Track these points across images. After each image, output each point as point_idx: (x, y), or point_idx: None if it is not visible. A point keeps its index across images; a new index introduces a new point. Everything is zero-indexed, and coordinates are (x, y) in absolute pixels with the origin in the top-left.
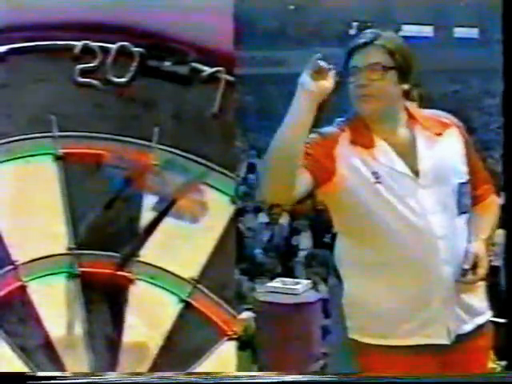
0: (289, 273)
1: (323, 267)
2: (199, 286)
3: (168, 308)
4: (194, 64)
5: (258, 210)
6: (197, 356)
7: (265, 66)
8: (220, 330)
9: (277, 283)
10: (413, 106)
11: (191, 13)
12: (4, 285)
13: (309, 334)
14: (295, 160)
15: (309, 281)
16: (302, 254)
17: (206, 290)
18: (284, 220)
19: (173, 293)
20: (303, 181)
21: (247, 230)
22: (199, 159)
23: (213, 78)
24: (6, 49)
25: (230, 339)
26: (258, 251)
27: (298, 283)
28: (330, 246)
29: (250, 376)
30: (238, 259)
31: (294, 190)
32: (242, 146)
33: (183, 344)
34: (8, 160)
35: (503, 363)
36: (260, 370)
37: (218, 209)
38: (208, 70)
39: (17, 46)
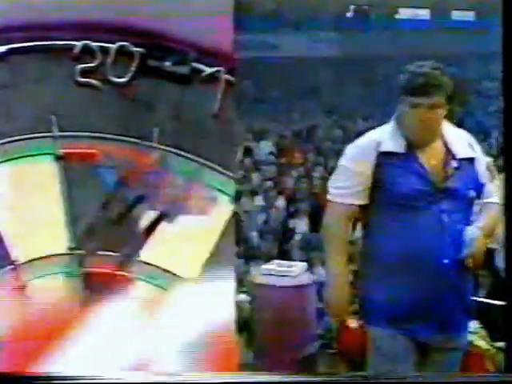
0: (285, 256)
1: (317, 251)
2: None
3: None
4: (194, 64)
5: (254, 193)
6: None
7: (261, 49)
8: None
9: (272, 266)
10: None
11: (191, 13)
12: (4, 285)
13: (304, 316)
14: None
15: (304, 263)
16: (298, 237)
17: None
18: (280, 203)
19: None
20: None
21: (243, 213)
22: (199, 159)
23: (213, 78)
24: (6, 49)
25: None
26: (253, 234)
27: (293, 266)
28: None
29: (250, 376)
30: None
31: None
32: (238, 130)
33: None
34: (8, 160)
35: (498, 344)
36: (256, 351)
37: (218, 209)
38: (208, 70)
39: (17, 45)
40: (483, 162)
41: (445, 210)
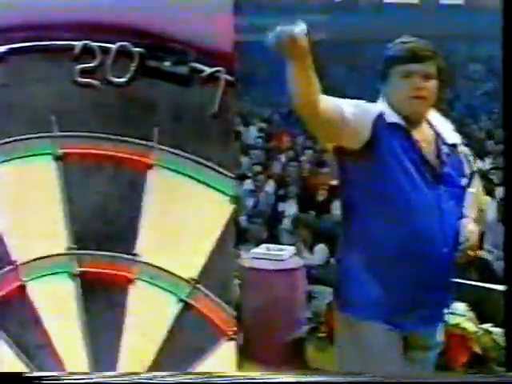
0: (274, 239)
1: (308, 231)
2: (199, 285)
3: (168, 308)
4: (193, 64)
5: (243, 178)
6: (197, 356)
7: (250, 32)
8: (220, 330)
9: (261, 249)
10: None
11: (191, 13)
12: (4, 285)
13: (293, 300)
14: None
15: (293, 247)
16: (287, 220)
17: (205, 290)
18: (270, 187)
19: (173, 293)
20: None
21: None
22: (199, 159)
23: (213, 78)
24: (6, 49)
25: (230, 339)
26: (243, 218)
27: (282, 249)
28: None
29: (250, 376)
30: None
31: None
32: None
33: (183, 344)
34: (8, 160)
35: (485, 326)
36: (245, 334)
37: (218, 209)
38: (208, 70)
39: (17, 45)
40: (462, 150)
41: (442, 197)
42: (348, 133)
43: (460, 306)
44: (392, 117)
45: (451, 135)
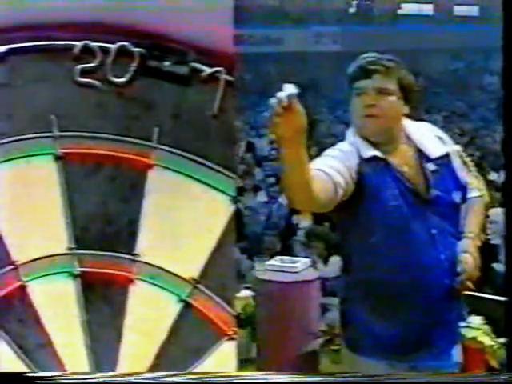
0: (288, 251)
1: (322, 243)
2: (199, 285)
3: (168, 308)
4: (193, 64)
5: (256, 189)
6: (197, 356)
7: (263, 44)
8: (220, 330)
9: (276, 261)
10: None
11: (191, 13)
12: (4, 285)
13: (307, 312)
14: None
15: (308, 259)
16: (301, 232)
17: (205, 290)
18: (283, 199)
19: (173, 293)
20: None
21: (246, 209)
22: (199, 159)
23: (213, 78)
24: (6, 49)
25: (230, 339)
26: (257, 230)
27: (296, 261)
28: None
29: (250, 376)
30: (238, 238)
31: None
32: (241, 125)
33: (183, 344)
34: (8, 160)
35: (501, 340)
36: (259, 346)
37: (218, 209)
38: (208, 70)
39: (17, 45)
40: (457, 154)
41: (433, 223)
42: (341, 194)
43: (476, 320)
44: (367, 150)
45: (436, 147)
